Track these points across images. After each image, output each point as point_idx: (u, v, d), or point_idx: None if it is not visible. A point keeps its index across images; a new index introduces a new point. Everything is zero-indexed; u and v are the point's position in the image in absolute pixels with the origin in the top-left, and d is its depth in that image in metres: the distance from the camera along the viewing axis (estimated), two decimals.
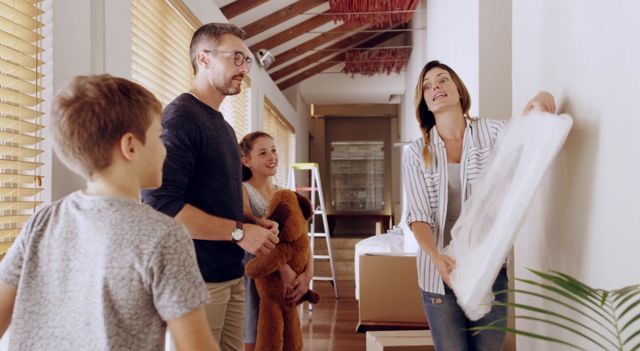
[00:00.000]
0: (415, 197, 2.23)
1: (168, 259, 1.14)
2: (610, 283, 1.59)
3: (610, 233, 1.61)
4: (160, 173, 1.31)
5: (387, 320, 3.91)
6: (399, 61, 8.63)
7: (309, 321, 6.20)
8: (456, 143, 2.28)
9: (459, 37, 4.23)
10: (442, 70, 2.28)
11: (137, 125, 1.20)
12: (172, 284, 1.13)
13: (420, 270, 2.28)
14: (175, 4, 3.46)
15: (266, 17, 6.02)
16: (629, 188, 1.49)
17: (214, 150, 2.04)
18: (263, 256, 2.64)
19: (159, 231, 1.15)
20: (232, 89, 2.13)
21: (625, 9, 1.49)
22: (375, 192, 13.36)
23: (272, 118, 7.33)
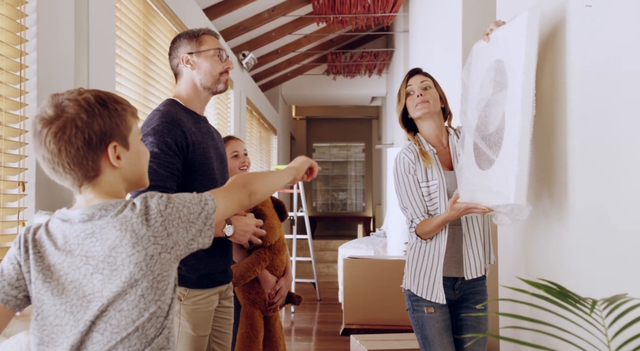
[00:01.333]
0: (414, 206, 2.19)
1: (170, 220, 1.23)
2: (585, 290, 1.62)
3: (583, 240, 1.64)
4: (146, 174, 1.36)
5: (370, 323, 3.93)
6: (380, 63, 8.67)
7: (291, 323, 6.19)
8: (444, 150, 2.28)
9: (442, 40, 4.26)
10: (425, 77, 2.28)
11: (119, 133, 1.24)
12: (184, 229, 1.25)
13: (415, 275, 2.22)
14: (159, 6, 3.43)
15: (249, 19, 6.01)
16: (600, 195, 1.52)
17: (200, 155, 2.03)
18: (241, 263, 2.64)
19: (152, 202, 1.23)
20: (221, 85, 2.13)
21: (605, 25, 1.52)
22: (356, 193, 13.39)
23: (254, 120, 7.31)
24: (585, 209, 1.69)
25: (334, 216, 13.11)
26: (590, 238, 1.67)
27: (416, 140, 2.28)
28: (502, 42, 1.89)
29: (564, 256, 1.85)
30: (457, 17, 3.66)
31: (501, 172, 1.82)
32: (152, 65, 3.35)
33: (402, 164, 2.23)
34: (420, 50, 5.56)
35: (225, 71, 2.12)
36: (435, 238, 2.19)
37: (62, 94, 1.22)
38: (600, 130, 1.60)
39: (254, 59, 6.23)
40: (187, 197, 1.28)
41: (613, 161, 1.53)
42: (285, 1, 6.11)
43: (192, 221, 1.26)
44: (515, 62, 1.78)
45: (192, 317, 2.01)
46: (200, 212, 1.28)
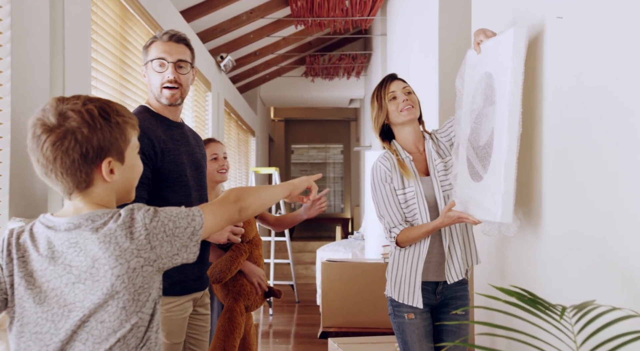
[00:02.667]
0: (391, 215, 2.17)
1: (155, 233, 1.22)
2: (557, 297, 1.65)
3: (554, 248, 1.68)
4: (134, 189, 1.36)
5: (348, 326, 3.94)
6: (358, 65, 8.70)
7: (269, 326, 6.19)
8: (420, 156, 2.27)
9: (419, 44, 4.30)
10: (406, 83, 2.27)
11: (117, 148, 1.25)
12: (169, 242, 1.25)
13: (396, 282, 2.21)
14: (135, 8, 3.41)
15: (227, 21, 5.99)
16: (571, 204, 1.55)
17: (171, 163, 2.00)
18: (222, 259, 2.62)
19: (138, 214, 1.23)
20: (163, 99, 2.04)
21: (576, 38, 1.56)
22: (334, 195, 13.43)
23: (232, 122, 7.29)
24: (557, 218, 1.73)
25: (312, 218, 13.10)
26: (561, 246, 1.70)
27: (392, 149, 2.26)
28: (492, 56, 1.91)
29: (537, 264, 1.89)
30: (434, 21, 3.70)
31: (489, 189, 1.85)
32: (129, 68, 3.33)
33: (378, 173, 2.22)
34: (397, 53, 5.60)
35: (167, 81, 2.01)
36: (416, 243, 2.18)
37: (68, 100, 1.22)
38: (571, 141, 1.63)
39: (232, 61, 6.21)
40: (175, 211, 1.28)
41: (583, 171, 1.56)
42: (264, 3, 6.10)
43: (177, 235, 1.26)
44: (502, 79, 1.81)
45: (165, 324, 2.00)
46: (187, 227, 1.27)
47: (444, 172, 2.20)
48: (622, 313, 1.20)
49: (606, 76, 1.44)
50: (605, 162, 1.44)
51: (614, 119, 1.40)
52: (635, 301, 1.30)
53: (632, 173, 1.31)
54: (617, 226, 1.38)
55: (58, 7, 2.36)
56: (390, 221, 2.16)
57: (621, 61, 1.37)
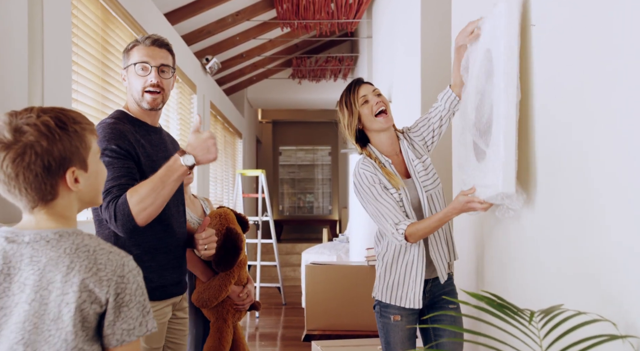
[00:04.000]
0: (392, 211, 2.09)
1: (122, 288, 1.19)
2: (531, 301, 1.67)
3: (530, 251, 1.69)
4: (101, 193, 1.35)
5: (332, 329, 3.95)
6: (345, 67, 8.73)
7: (256, 328, 6.18)
8: (398, 158, 2.24)
9: (403, 47, 4.32)
10: (373, 86, 2.23)
11: (78, 156, 1.23)
12: (124, 312, 1.19)
13: (388, 285, 2.19)
14: (117, 11, 3.40)
15: (212, 23, 5.99)
16: (545, 207, 1.57)
17: (149, 167, 1.98)
18: (211, 286, 2.62)
19: (114, 261, 1.20)
20: (144, 103, 2.02)
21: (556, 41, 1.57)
22: (323, 196, 13.43)
23: (218, 124, 7.28)
24: (531, 221, 1.74)
25: (300, 220, 13.12)
26: (535, 248, 1.72)
27: (373, 156, 2.20)
28: (490, 32, 1.85)
29: (515, 268, 1.90)
30: (416, 24, 3.72)
31: (491, 163, 1.78)
32: (111, 71, 3.32)
33: (363, 177, 2.15)
34: (383, 55, 5.62)
35: (150, 85, 1.99)
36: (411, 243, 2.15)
37: (20, 114, 1.18)
38: (549, 146, 1.65)
39: (217, 63, 6.21)
40: (146, 303, 1.24)
41: (555, 175, 1.58)
42: (249, 6, 6.11)
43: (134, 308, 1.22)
44: (497, 51, 1.75)
45: None
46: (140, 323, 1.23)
47: (424, 173, 2.19)
48: (587, 318, 1.21)
49: (577, 79, 1.45)
50: (575, 167, 1.45)
51: (583, 125, 1.42)
52: (603, 304, 1.32)
53: (600, 178, 1.33)
54: (586, 230, 1.40)
55: (37, 10, 2.35)
56: (395, 217, 2.07)
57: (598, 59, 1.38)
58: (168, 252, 2.08)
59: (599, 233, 1.34)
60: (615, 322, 1.23)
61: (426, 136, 2.26)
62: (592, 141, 1.37)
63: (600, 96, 1.31)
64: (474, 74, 1.95)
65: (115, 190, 1.85)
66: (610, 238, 1.28)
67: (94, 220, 2.02)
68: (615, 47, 1.24)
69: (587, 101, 1.38)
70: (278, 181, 13.33)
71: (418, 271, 2.14)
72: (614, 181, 1.26)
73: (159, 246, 2.04)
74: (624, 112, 1.20)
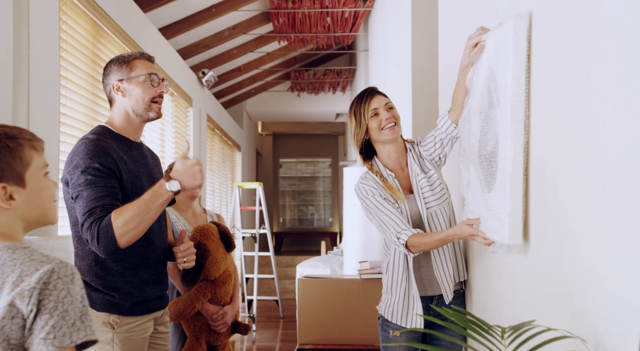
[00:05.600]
0: (394, 219, 2.03)
1: (46, 295, 1.14)
2: (514, 318, 1.66)
3: (512, 268, 1.69)
4: (50, 211, 1.31)
5: (325, 343, 3.92)
6: (343, 80, 8.75)
7: (253, 342, 6.15)
8: (403, 172, 2.19)
9: (394, 60, 4.34)
10: (386, 97, 2.18)
11: (11, 172, 1.20)
12: (44, 320, 1.13)
13: (390, 302, 2.17)
14: (108, 26, 3.42)
15: (209, 37, 6.02)
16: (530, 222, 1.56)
17: (131, 184, 2.00)
18: (181, 299, 2.60)
19: (41, 270, 1.15)
20: (152, 113, 2.07)
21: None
22: (324, 209, 13.42)
23: (216, 137, 7.29)
24: None
25: (300, 232, 13.11)
26: (514, 267, 1.71)
27: (375, 170, 2.16)
28: (492, 50, 1.72)
29: (495, 285, 1.89)
30: (407, 38, 3.74)
31: (496, 205, 1.65)
32: (101, 84, 3.33)
33: (362, 191, 2.12)
34: (378, 69, 5.64)
35: (158, 95, 2.07)
36: (406, 261, 2.12)
37: None
38: (536, 157, 1.64)
39: (213, 77, 6.23)
40: (77, 311, 1.18)
41: (535, 188, 1.58)
42: (246, 20, 6.14)
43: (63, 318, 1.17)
44: (503, 79, 1.62)
45: (125, 345, 1.99)
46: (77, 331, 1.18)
47: (429, 188, 2.12)
48: (557, 334, 1.20)
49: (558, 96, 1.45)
50: (551, 181, 1.45)
51: (560, 143, 1.41)
52: (576, 321, 1.31)
53: (572, 205, 1.32)
54: (562, 245, 1.39)
55: (23, 26, 2.37)
56: (396, 225, 2.02)
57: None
58: (149, 267, 2.08)
59: (570, 251, 1.33)
60: (586, 339, 1.22)
61: (433, 153, 2.18)
62: (567, 153, 1.36)
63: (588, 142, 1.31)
64: (477, 91, 1.83)
65: (99, 211, 1.85)
66: (581, 257, 1.27)
67: (72, 237, 2.02)
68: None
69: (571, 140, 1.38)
70: (278, 193, 13.33)
71: (416, 292, 2.10)
72: (585, 209, 1.25)
73: (141, 261, 2.04)
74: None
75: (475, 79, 1.86)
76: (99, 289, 1.98)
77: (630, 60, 1.05)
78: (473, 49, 1.84)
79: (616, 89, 1.11)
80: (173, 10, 5.04)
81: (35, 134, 1.29)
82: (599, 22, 1.18)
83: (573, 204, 1.31)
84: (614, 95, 1.12)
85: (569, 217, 1.33)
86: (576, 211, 1.29)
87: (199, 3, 5.26)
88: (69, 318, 1.15)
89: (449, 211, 2.18)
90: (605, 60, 1.15)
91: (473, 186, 1.84)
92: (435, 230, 2.11)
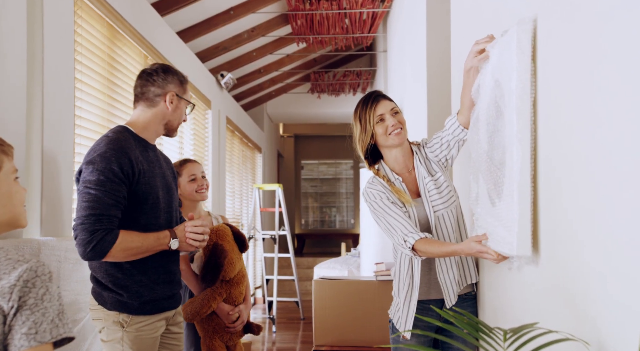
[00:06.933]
0: (401, 222, 2.01)
1: (26, 292, 1.17)
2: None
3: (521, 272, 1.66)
4: (21, 216, 1.33)
5: (340, 345, 3.91)
6: (363, 82, 8.73)
7: (273, 343, 6.16)
8: (410, 176, 2.17)
9: (411, 63, 4.31)
10: (392, 102, 2.15)
11: None
12: (25, 316, 1.17)
13: (397, 306, 2.17)
14: (125, 30, 3.46)
15: (228, 40, 6.05)
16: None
17: (146, 184, 2.05)
18: (196, 299, 2.64)
19: (20, 268, 1.19)
20: (176, 133, 2.26)
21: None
22: (346, 210, 13.40)
23: (235, 139, 7.33)
24: None
25: (322, 234, 13.10)
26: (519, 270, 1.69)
27: (381, 175, 2.14)
28: (497, 61, 1.69)
29: (503, 287, 1.86)
30: (422, 39, 3.71)
31: (505, 215, 1.61)
32: (118, 88, 3.37)
33: (370, 195, 2.11)
34: (396, 70, 5.61)
35: (184, 120, 2.25)
36: (411, 265, 2.11)
37: None
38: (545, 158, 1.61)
39: (232, 79, 6.26)
40: (55, 309, 1.22)
41: (544, 189, 1.55)
42: (264, 22, 6.16)
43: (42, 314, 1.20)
44: (508, 86, 1.59)
45: (135, 344, 2.02)
46: (52, 328, 1.21)
47: (436, 191, 2.10)
48: (558, 336, 1.18)
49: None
50: (555, 181, 1.42)
51: (566, 146, 1.38)
52: (580, 324, 1.28)
53: (575, 207, 1.29)
54: (559, 249, 1.36)
55: (37, 29, 2.40)
56: (403, 228, 2.00)
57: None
58: (159, 266, 2.10)
59: (573, 253, 1.31)
60: (589, 341, 1.19)
61: (439, 155, 2.16)
62: (570, 152, 1.34)
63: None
64: (484, 102, 1.78)
65: (106, 221, 1.93)
66: (585, 258, 1.25)
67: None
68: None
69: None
70: (300, 195, 13.34)
71: (415, 297, 2.10)
72: (587, 211, 1.23)
73: (149, 261, 2.06)
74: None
75: (481, 91, 1.82)
76: (109, 288, 2.01)
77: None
78: (478, 55, 1.81)
79: (621, 91, 1.09)
80: (191, 13, 5.08)
81: (5, 140, 1.31)
82: (608, 24, 1.15)
83: (576, 206, 1.29)
84: (620, 97, 1.09)
85: (572, 219, 1.30)
86: (579, 213, 1.27)
87: (217, 6, 5.29)
88: (48, 314, 1.19)
89: (457, 213, 2.15)
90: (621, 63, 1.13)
91: (482, 199, 1.80)
92: (442, 233, 2.10)
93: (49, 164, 2.43)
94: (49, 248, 2.24)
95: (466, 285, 2.16)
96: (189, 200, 2.87)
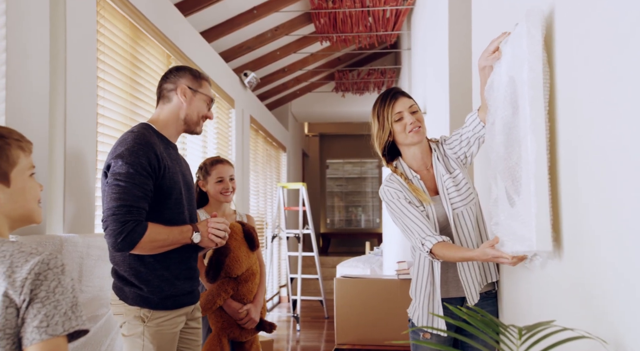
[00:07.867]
0: (419, 224, 2.00)
1: (37, 285, 1.17)
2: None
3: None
4: (35, 211, 1.34)
5: (362, 343, 3.90)
6: (388, 80, 8.68)
7: (297, 342, 6.18)
8: (428, 173, 2.15)
9: (433, 60, 4.28)
10: (410, 100, 2.13)
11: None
12: (37, 309, 1.17)
13: (417, 305, 2.15)
14: (148, 29, 3.49)
15: (251, 39, 6.07)
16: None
17: (170, 179, 2.09)
18: (202, 295, 2.66)
19: (32, 261, 1.19)
20: (199, 128, 2.25)
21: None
22: (372, 209, 13.36)
23: (259, 138, 7.36)
24: None
25: (348, 233, 13.08)
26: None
27: (399, 172, 2.13)
28: (511, 57, 1.65)
29: (521, 284, 1.83)
30: (444, 37, 3.67)
31: (524, 211, 1.56)
32: (141, 87, 3.41)
33: (387, 194, 2.10)
34: (420, 68, 5.57)
35: (207, 116, 2.24)
36: (431, 265, 2.10)
37: None
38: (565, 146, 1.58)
39: (256, 78, 6.28)
40: (68, 302, 1.22)
41: (571, 198, 1.52)
42: (287, 21, 6.17)
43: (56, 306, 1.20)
44: (521, 78, 1.55)
45: (155, 339, 2.04)
46: (65, 321, 1.21)
47: (455, 188, 2.08)
48: (573, 334, 1.15)
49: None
50: (572, 174, 1.40)
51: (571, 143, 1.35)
52: (597, 323, 1.25)
53: (594, 202, 1.26)
54: (578, 245, 1.34)
55: (60, 29, 2.44)
56: (421, 231, 1.99)
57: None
58: (181, 262, 2.13)
59: (589, 251, 1.28)
60: (606, 340, 1.16)
61: (458, 151, 2.13)
62: (584, 145, 1.31)
63: None
64: (499, 100, 1.75)
65: (136, 213, 1.97)
66: (602, 256, 1.22)
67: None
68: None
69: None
70: (325, 194, 13.34)
71: (439, 297, 2.08)
72: (606, 206, 1.20)
73: (173, 256, 2.09)
74: None
75: (494, 90, 1.79)
76: (131, 282, 2.04)
77: None
78: (492, 54, 1.80)
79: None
80: (214, 13, 5.11)
81: (24, 136, 1.32)
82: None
83: (594, 201, 1.26)
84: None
85: (589, 214, 1.27)
86: (596, 208, 1.24)
87: (239, 5, 5.31)
88: (60, 307, 1.18)
89: (476, 211, 2.13)
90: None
91: (501, 201, 1.76)
92: (462, 231, 2.08)
93: (72, 162, 2.47)
94: (71, 244, 2.28)
95: (487, 284, 2.13)
96: (214, 200, 2.91)
